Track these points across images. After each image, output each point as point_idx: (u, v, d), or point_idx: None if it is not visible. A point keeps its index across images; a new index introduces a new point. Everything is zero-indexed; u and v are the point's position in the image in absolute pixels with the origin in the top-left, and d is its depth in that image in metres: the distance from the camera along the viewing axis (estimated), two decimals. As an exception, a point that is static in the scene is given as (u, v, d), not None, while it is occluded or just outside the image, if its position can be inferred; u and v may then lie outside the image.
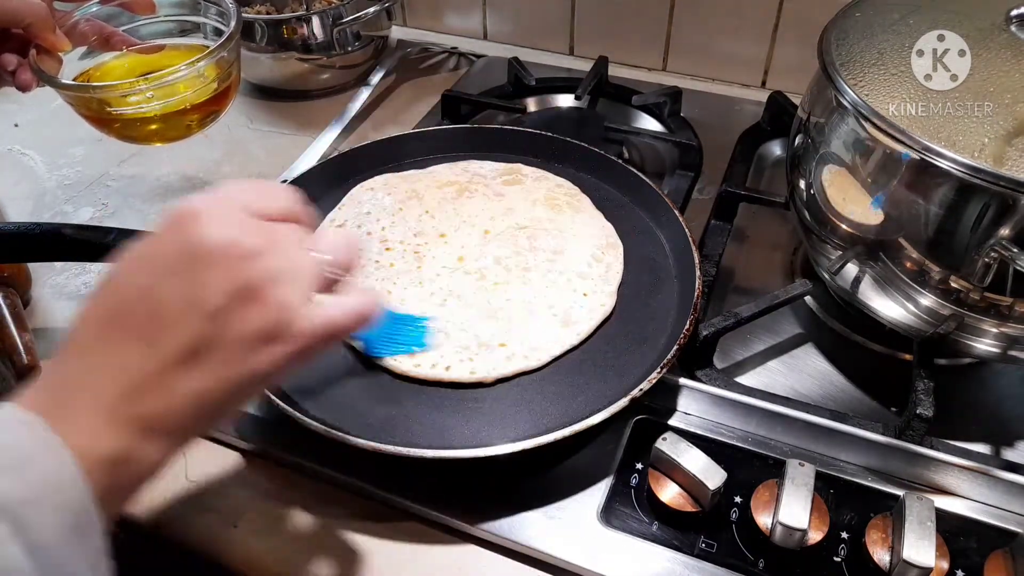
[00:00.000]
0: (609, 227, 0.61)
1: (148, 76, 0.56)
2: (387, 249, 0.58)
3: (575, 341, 0.52)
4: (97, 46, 0.58)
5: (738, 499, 0.45)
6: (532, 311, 0.53)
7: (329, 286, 0.34)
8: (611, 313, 0.54)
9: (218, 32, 0.63)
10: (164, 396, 0.30)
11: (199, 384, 0.30)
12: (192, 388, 0.30)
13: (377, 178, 0.66)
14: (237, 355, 0.30)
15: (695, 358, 0.53)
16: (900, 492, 0.44)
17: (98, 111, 0.57)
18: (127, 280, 0.31)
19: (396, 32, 0.97)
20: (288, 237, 0.33)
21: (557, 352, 0.51)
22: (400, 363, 0.50)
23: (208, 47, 0.58)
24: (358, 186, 0.65)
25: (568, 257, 0.57)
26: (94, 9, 0.59)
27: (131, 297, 0.30)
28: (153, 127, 0.60)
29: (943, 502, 0.45)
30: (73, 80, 0.59)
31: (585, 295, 0.55)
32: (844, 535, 0.44)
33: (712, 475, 0.43)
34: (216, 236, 0.30)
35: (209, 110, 0.62)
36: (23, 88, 0.53)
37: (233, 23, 0.59)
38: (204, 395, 0.30)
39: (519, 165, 0.66)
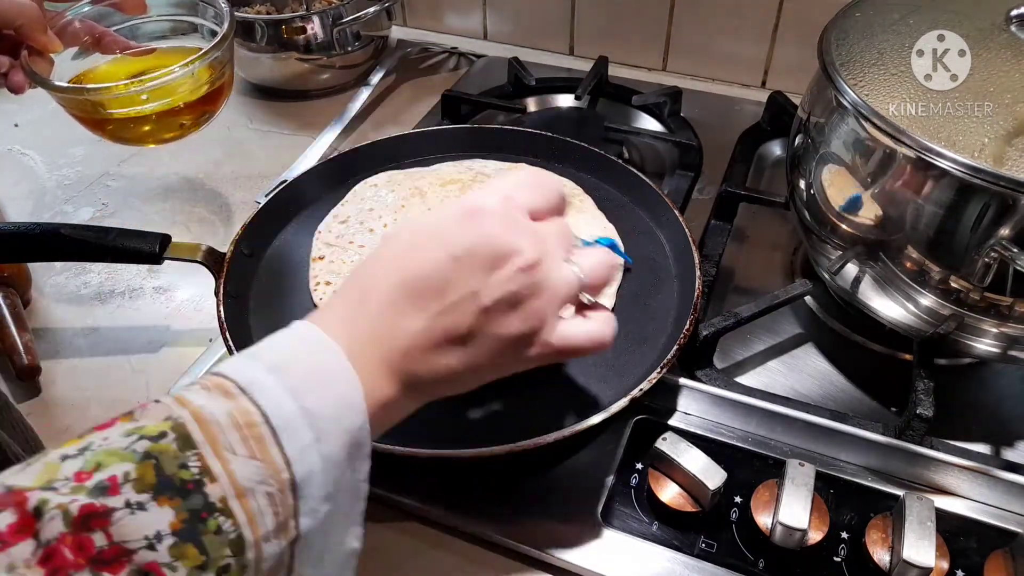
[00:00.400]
0: (611, 227, 0.61)
1: (142, 78, 0.55)
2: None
3: None
4: (89, 47, 0.58)
5: (738, 499, 0.45)
6: None
7: (576, 300, 0.37)
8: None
9: (212, 33, 0.63)
10: (429, 363, 0.33)
11: (455, 363, 0.34)
12: (449, 364, 0.34)
13: (381, 175, 0.66)
14: (490, 349, 0.34)
15: (695, 358, 0.53)
16: (900, 492, 0.44)
17: (91, 113, 0.57)
18: (427, 255, 0.34)
19: (396, 32, 0.97)
20: (558, 247, 0.36)
21: None
22: None
23: (201, 48, 0.58)
24: (362, 182, 0.65)
25: None
26: (85, 9, 0.58)
27: (427, 273, 0.33)
28: (146, 128, 0.60)
29: (943, 502, 0.45)
30: (67, 82, 0.58)
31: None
32: (844, 535, 0.44)
33: (712, 475, 0.43)
34: (506, 241, 0.34)
35: (202, 111, 0.62)
36: (15, 90, 0.53)
37: (227, 24, 0.59)
38: (455, 372, 0.34)
39: (523, 165, 0.66)
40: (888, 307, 0.50)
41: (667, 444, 0.45)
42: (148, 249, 0.54)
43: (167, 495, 0.26)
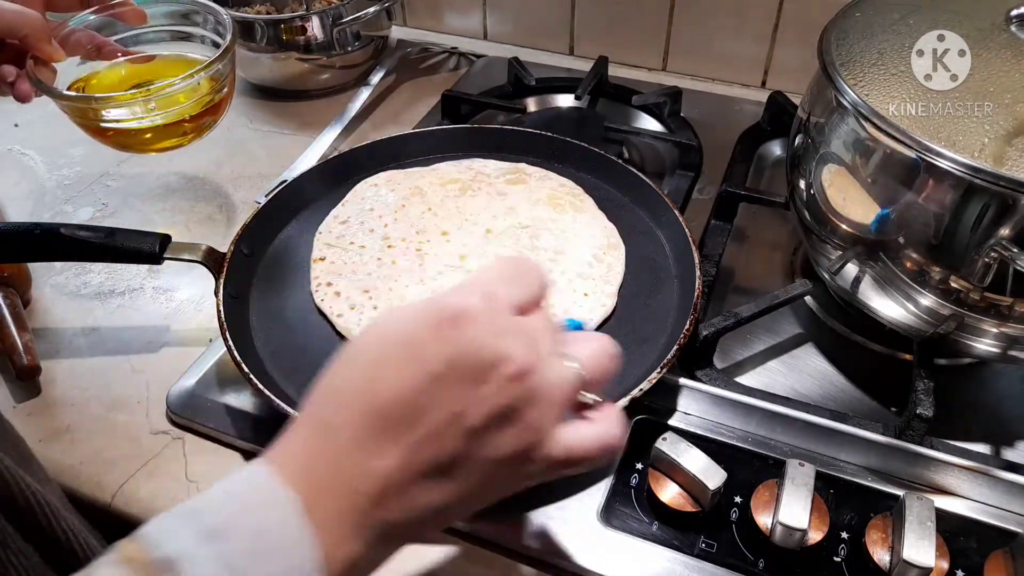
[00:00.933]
0: (611, 227, 0.61)
1: (147, 88, 0.56)
2: (389, 246, 0.58)
3: None
4: (90, 56, 0.59)
5: (738, 499, 0.45)
6: None
7: (577, 401, 0.32)
8: (611, 314, 0.54)
9: (214, 43, 0.63)
10: (406, 505, 0.28)
11: (438, 498, 0.29)
12: (431, 501, 0.29)
13: (380, 174, 0.66)
14: (480, 476, 0.29)
15: (695, 358, 0.53)
16: (900, 492, 0.44)
17: (94, 120, 0.58)
18: (398, 374, 0.29)
19: (396, 32, 0.97)
20: (549, 343, 0.31)
21: None
22: None
23: (199, 57, 0.59)
24: (362, 182, 0.65)
25: (569, 257, 0.57)
26: (88, 19, 0.59)
27: (400, 397, 0.28)
28: (148, 136, 0.60)
29: (943, 502, 0.45)
30: (68, 88, 0.59)
31: (585, 295, 0.55)
32: (844, 535, 0.44)
33: (712, 475, 0.43)
34: (490, 351, 0.29)
35: (204, 119, 0.62)
36: (22, 99, 0.54)
37: (229, 36, 0.59)
38: (440, 508, 0.29)
39: (523, 164, 0.66)
40: (888, 307, 0.50)
41: (667, 444, 0.45)
42: (148, 249, 0.54)
43: None
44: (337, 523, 0.27)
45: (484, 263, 0.57)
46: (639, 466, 0.47)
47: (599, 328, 0.53)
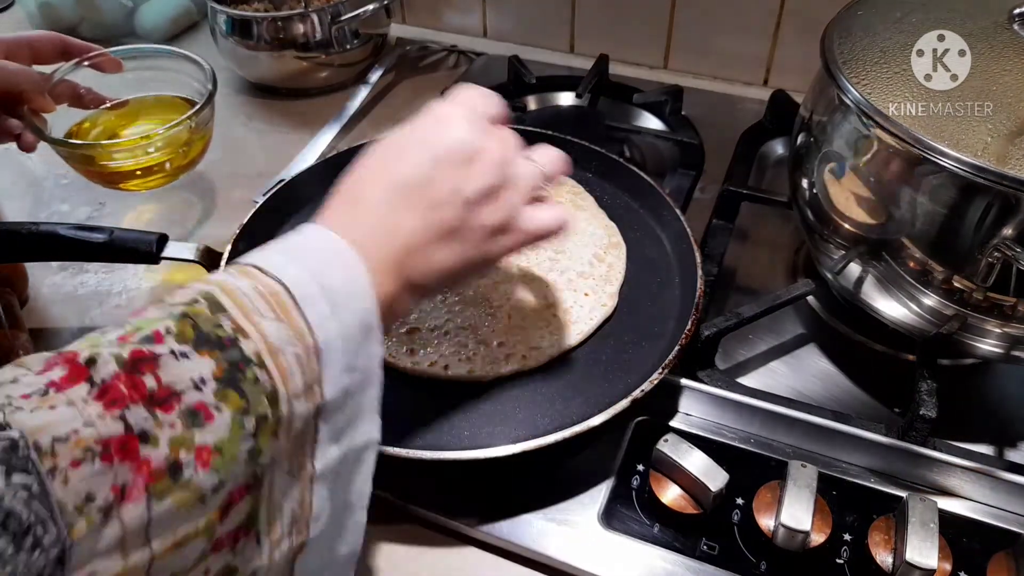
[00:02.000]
0: (612, 226, 0.60)
1: (148, 134, 0.63)
2: None
3: (574, 342, 0.51)
4: (76, 104, 0.64)
5: (740, 501, 0.45)
6: (532, 310, 0.53)
7: (538, 191, 0.40)
8: (612, 314, 0.54)
9: (195, 90, 0.69)
10: (425, 261, 0.36)
11: (448, 257, 0.37)
12: (443, 259, 0.37)
13: None
14: (477, 240, 0.37)
15: (697, 359, 0.53)
16: (903, 493, 0.44)
17: (84, 164, 0.65)
18: (411, 159, 0.37)
19: (395, 30, 0.96)
20: (516, 146, 0.39)
21: (556, 352, 0.51)
22: (398, 360, 0.50)
23: (170, 95, 0.69)
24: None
25: (570, 256, 0.57)
26: (71, 70, 0.64)
27: (415, 175, 0.36)
28: (135, 180, 0.67)
29: (946, 503, 0.45)
30: (66, 135, 0.65)
31: (586, 295, 0.54)
32: (847, 537, 0.44)
33: (714, 477, 0.43)
34: (478, 140, 0.37)
35: (185, 162, 0.69)
36: (27, 150, 0.60)
37: (210, 86, 0.66)
38: (449, 266, 0.37)
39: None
40: (891, 307, 0.50)
41: (668, 445, 0.44)
42: (145, 248, 0.53)
43: (206, 348, 0.29)
44: (377, 264, 0.35)
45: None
46: (640, 468, 0.47)
47: (599, 329, 0.53)
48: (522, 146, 0.40)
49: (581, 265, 0.56)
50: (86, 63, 0.63)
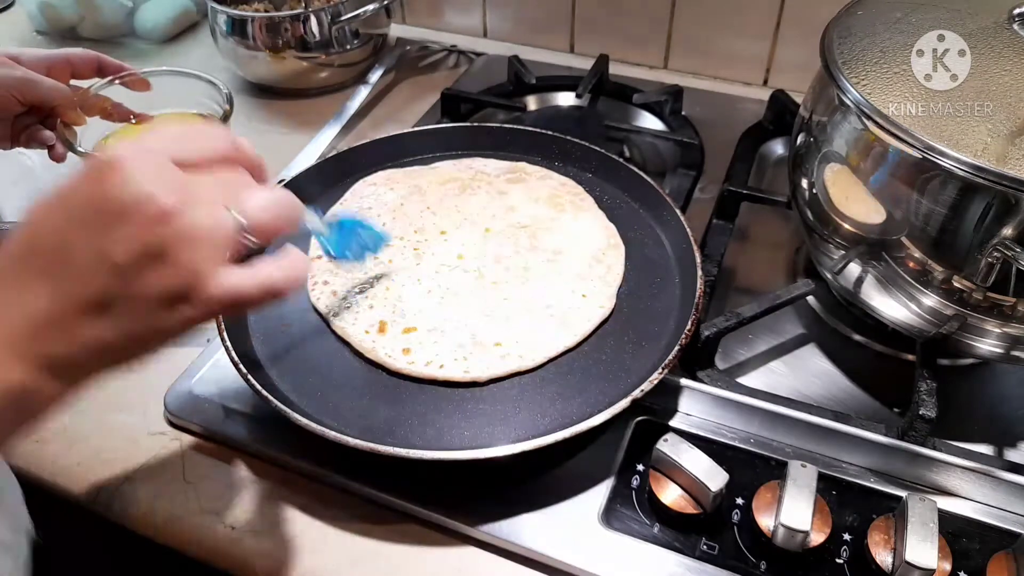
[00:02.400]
0: (611, 228, 0.60)
1: None
2: (386, 245, 0.58)
3: (571, 343, 0.51)
4: (105, 117, 0.67)
5: (740, 501, 0.45)
6: (530, 311, 0.53)
7: (238, 246, 0.33)
8: (609, 315, 0.54)
9: (213, 109, 0.69)
10: (67, 339, 0.31)
11: (102, 334, 0.31)
12: (95, 336, 0.31)
13: (379, 173, 0.66)
14: (142, 313, 0.31)
15: (697, 358, 0.53)
16: (902, 493, 0.44)
17: None
18: (43, 222, 0.31)
19: (395, 30, 0.97)
20: (210, 193, 0.32)
21: (553, 353, 0.51)
22: (394, 360, 0.50)
23: (193, 111, 0.69)
24: (360, 181, 0.65)
25: (568, 257, 0.57)
26: (104, 86, 0.66)
27: (44, 240, 0.31)
28: None
29: (946, 503, 0.45)
30: (92, 148, 0.66)
31: (584, 296, 0.54)
32: (846, 537, 0.44)
33: (714, 476, 0.43)
34: (131, 191, 0.30)
35: None
36: (58, 161, 0.63)
37: (227, 106, 0.67)
38: (107, 344, 0.31)
39: (523, 163, 0.66)
40: (891, 307, 0.50)
41: (668, 445, 0.44)
42: (146, 249, 0.53)
43: None
44: None
45: (482, 262, 0.57)
46: (640, 468, 0.47)
47: (597, 330, 0.53)
48: (232, 191, 0.34)
49: (580, 266, 0.56)
50: (117, 81, 0.66)
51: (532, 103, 0.82)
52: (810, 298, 0.60)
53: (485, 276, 0.56)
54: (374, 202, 0.62)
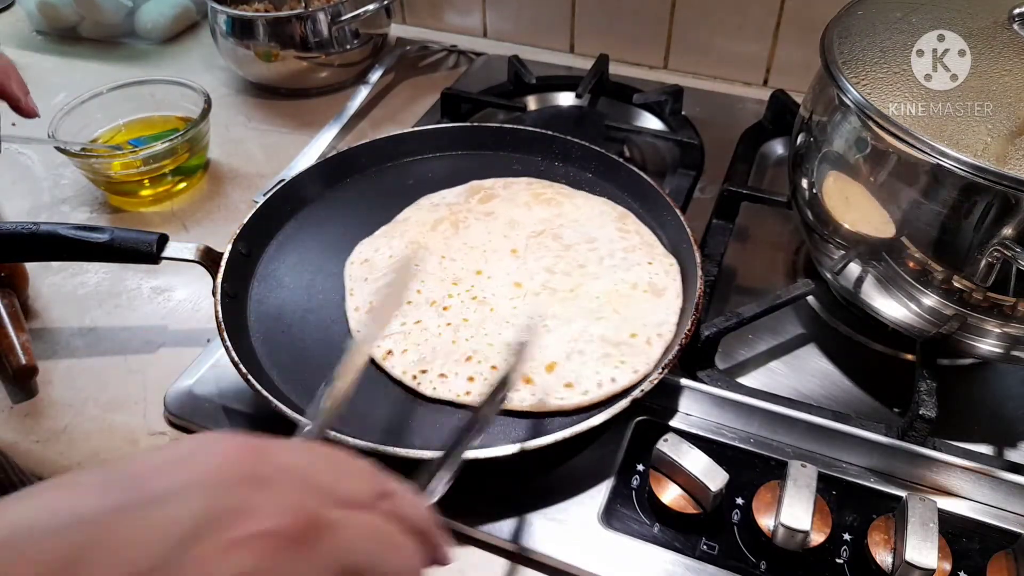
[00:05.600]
0: (601, 199, 0.62)
1: (135, 148, 0.69)
2: (445, 308, 0.54)
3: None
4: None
5: (740, 500, 0.45)
6: (626, 295, 0.54)
7: None
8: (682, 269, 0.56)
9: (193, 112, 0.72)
10: None
11: None
12: None
13: (361, 247, 0.60)
14: None
15: (697, 359, 0.53)
16: (902, 493, 0.44)
17: (93, 172, 0.71)
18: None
19: (395, 30, 0.97)
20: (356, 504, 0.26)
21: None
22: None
23: (177, 117, 0.74)
24: (348, 263, 0.58)
25: (602, 242, 0.58)
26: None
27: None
28: (144, 192, 0.72)
29: (946, 503, 0.45)
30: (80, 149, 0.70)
31: (650, 263, 0.56)
32: (846, 536, 0.44)
33: (714, 476, 0.43)
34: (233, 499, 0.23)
35: (184, 176, 0.73)
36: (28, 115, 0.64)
37: (203, 104, 0.71)
38: None
39: (475, 182, 0.65)
40: (891, 307, 0.50)
41: (668, 445, 0.44)
42: (146, 249, 0.53)
43: None
44: None
45: (540, 278, 0.55)
46: (640, 467, 0.47)
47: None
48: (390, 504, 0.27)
49: (616, 243, 0.58)
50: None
51: (532, 103, 0.82)
52: (810, 298, 0.60)
53: (557, 289, 0.55)
54: (382, 274, 0.57)
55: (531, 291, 0.55)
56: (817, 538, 0.43)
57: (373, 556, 0.25)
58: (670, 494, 0.45)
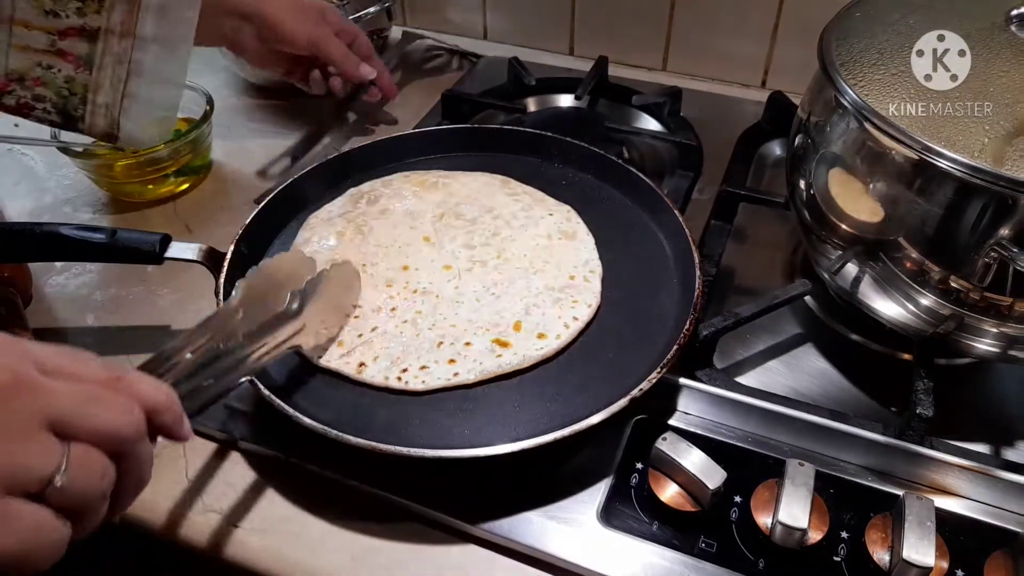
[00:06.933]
0: (480, 173, 0.65)
1: (138, 150, 0.67)
2: (393, 310, 0.54)
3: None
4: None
5: (738, 499, 0.45)
6: (546, 247, 0.58)
7: None
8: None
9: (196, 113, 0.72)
10: None
11: None
12: None
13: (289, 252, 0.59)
14: None
15: (695, 358, 0.53)
16: (900, 492, 0.44)
17: (97, 172, 0.71)
18: None
19: (396, 32, 0.97)
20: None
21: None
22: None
23: (180, 118, 0.71)
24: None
25: (500, 209, 0.62)
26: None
27: None
28: (147, 193, 0.72)
29: (943, 502, 0.45)
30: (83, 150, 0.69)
31: (551, 215, 0.61)
32: (844, 535, 0.44)
33: (712, 475, 0.43)
34: None
35: (189, 176, 0.74)
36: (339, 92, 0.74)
37: (206, 106, 0.71)
38: None
39: (352, 189, 0.65)
40: (888, 307, 0.50)
41: (667, 444, 0.45)
42: (148, 249, 0.54)
43: None
44: None
45: (465, 255, 0.58)
46: (639, 466, 0.47)
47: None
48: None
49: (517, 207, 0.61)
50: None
51: (532, 104, 0.82)
52: (808, 298, 0.60)
53: (486, 261, 0.58)
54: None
55: (463, 269, 0.57)
56: (815, 536, 0.43)
57: (80, 407, 0.28)
58: (669, 492, 0.45)
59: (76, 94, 0.51)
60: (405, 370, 0.50)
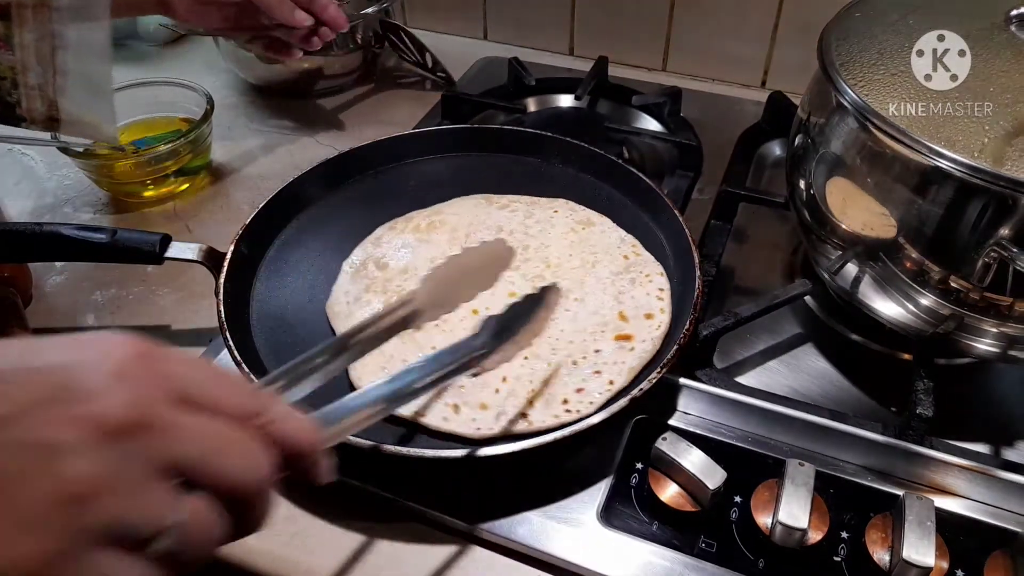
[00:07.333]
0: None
1: (138, 150, 0.69)
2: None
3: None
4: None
5: (738, 499, 0.45)
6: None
7: None
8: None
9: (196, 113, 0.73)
10: None
11: None
12: None
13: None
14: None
15: (695, 358, 0.53)
16: (900, 492, 0.44)
17: (100, 175, 0.72)
18: None
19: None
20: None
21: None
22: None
23: (179, 118, 0.74)
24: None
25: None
26: None
27: None
28: (147, 193, 0.73)
29: (943, 502, 0.45)
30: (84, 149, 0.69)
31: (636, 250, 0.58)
32: (844, 535, 0.44)
33: (712, 475, 0.43)
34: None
35: (188, 177, 0.74)
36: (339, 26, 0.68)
37: (206, 106, 0.72)
38: None
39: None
40: (888, 307, 0.50)
41: (667, 444, 0.45)
42: (148, 249, 0.54)
43: None
44: None
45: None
46: (639, 466, 0.47)
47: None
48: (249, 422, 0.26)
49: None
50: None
51: (532, 105, 0.82)
52: (807, 298, 0.60)
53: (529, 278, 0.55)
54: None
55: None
56: (815, 536, 0.43)
57: (209, 455, 0.25)
58: (669, 492, 0.45)
59: (5, 77, 0.48)
60: (566, 400, 0.47)
